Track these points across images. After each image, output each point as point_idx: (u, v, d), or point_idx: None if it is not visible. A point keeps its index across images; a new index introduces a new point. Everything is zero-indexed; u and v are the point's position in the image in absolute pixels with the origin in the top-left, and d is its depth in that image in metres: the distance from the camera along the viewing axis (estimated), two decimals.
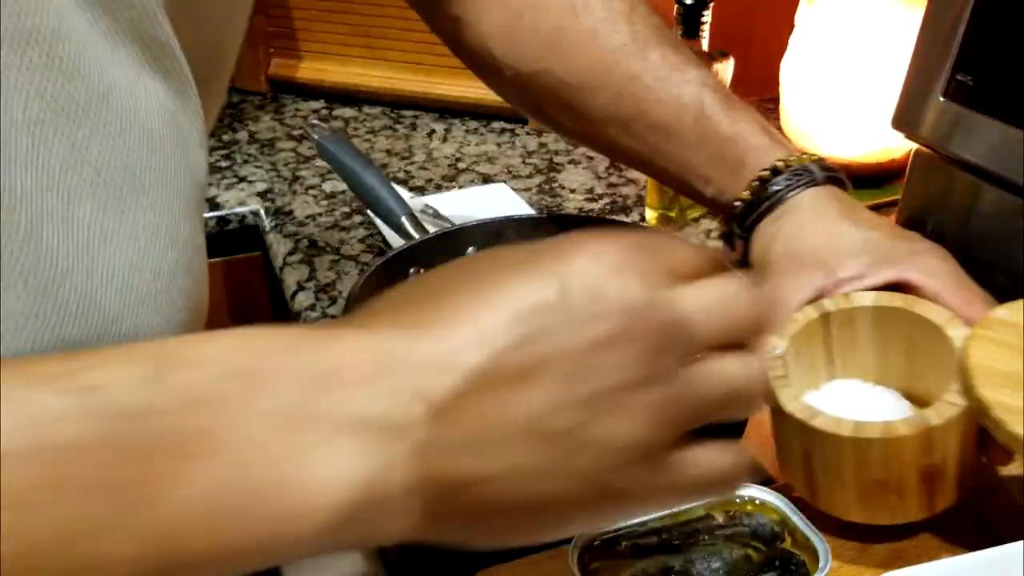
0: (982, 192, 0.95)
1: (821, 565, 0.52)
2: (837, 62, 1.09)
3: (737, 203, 0.69)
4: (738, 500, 0.56)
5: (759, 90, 1.40)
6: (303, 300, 0.95)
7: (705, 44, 0.98)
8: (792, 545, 0.54)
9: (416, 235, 0.84)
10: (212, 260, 1.13)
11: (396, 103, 1.38)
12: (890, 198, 1.11)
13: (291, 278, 0.99)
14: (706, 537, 0.55)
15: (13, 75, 0.38)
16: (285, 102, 1.43)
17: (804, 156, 0.69)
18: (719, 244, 1.03)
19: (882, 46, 1.06)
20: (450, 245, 0.83)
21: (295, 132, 1.32)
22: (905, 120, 0.99)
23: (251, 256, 1.16)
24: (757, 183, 0.67)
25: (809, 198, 0.67)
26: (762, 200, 0.67)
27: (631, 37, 0.71)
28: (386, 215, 0.89)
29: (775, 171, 0.67)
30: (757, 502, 0.56)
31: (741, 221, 0.69)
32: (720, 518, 0.56)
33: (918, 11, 0.97)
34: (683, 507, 0.56)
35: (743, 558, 0.54)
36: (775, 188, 0.67)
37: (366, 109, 1.38)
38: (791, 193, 0.67)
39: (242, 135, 1.32)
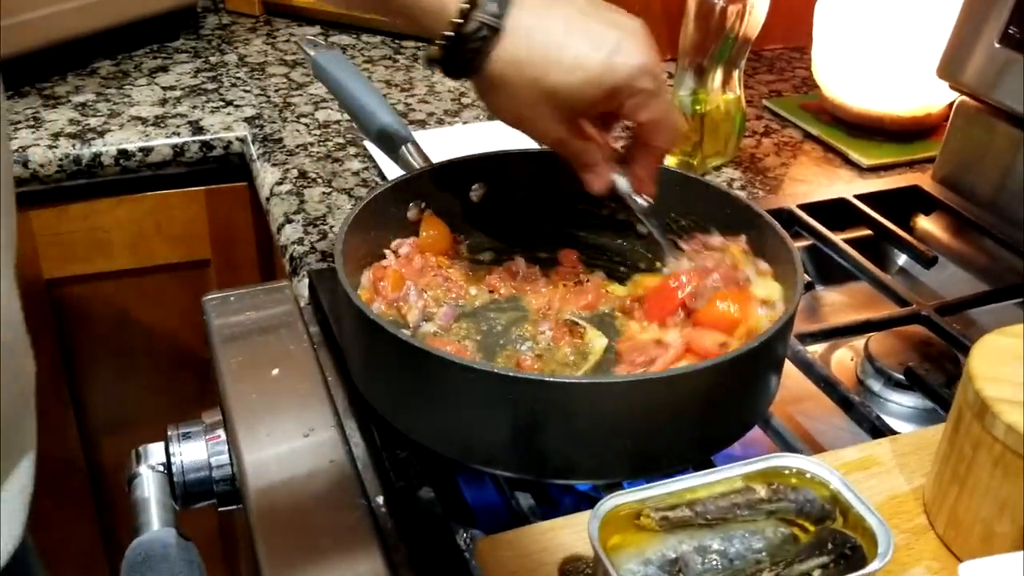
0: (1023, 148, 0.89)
1: (881, 551, 0.44)
2: (876, 7, 1.01)
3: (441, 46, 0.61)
4: (785, 471, 0.48)
5: (786, 37, 1.31)
6: (290, 233, 0.87)
7: None
8: (844, 525, 0.46)
9: (418, 165, 0.75)
10: (194, 188, 1.06)
11: (397, 32, 1.29)
12: (924, 154, 1.04)
13: (278, 210, 0.91)
14: (746, 512, 0.47)
15: None
16: (278, 26, 1.33)
17: None
18: (742, 194, 0.95)
19: None
20: (455, 178, 0.75)
21: (288, 57, 1.23)
22: (951, 68, 0.92)
23: (236, 186, 1.07)
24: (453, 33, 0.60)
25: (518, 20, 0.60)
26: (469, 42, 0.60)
27: None
28: (385, 143, 0.80)
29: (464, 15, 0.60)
30: (807, 475, 0.48)
31: (454, 68, 0.62)
32: (762, 491, 0.48)
33: None
34: (718, 476, 0.48)
35: (788, 538, 0.47)
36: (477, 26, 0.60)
37: (365, 37, 1.29)
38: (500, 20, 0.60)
39: (231, 58, 1.22)
